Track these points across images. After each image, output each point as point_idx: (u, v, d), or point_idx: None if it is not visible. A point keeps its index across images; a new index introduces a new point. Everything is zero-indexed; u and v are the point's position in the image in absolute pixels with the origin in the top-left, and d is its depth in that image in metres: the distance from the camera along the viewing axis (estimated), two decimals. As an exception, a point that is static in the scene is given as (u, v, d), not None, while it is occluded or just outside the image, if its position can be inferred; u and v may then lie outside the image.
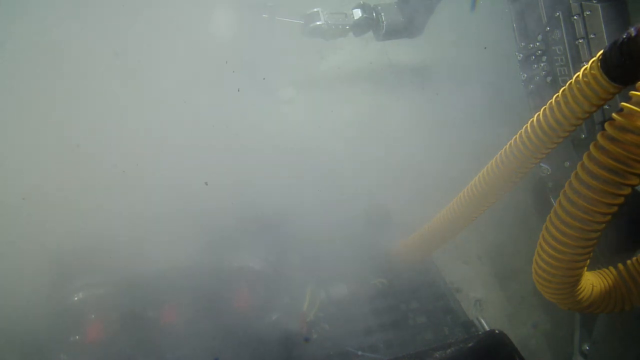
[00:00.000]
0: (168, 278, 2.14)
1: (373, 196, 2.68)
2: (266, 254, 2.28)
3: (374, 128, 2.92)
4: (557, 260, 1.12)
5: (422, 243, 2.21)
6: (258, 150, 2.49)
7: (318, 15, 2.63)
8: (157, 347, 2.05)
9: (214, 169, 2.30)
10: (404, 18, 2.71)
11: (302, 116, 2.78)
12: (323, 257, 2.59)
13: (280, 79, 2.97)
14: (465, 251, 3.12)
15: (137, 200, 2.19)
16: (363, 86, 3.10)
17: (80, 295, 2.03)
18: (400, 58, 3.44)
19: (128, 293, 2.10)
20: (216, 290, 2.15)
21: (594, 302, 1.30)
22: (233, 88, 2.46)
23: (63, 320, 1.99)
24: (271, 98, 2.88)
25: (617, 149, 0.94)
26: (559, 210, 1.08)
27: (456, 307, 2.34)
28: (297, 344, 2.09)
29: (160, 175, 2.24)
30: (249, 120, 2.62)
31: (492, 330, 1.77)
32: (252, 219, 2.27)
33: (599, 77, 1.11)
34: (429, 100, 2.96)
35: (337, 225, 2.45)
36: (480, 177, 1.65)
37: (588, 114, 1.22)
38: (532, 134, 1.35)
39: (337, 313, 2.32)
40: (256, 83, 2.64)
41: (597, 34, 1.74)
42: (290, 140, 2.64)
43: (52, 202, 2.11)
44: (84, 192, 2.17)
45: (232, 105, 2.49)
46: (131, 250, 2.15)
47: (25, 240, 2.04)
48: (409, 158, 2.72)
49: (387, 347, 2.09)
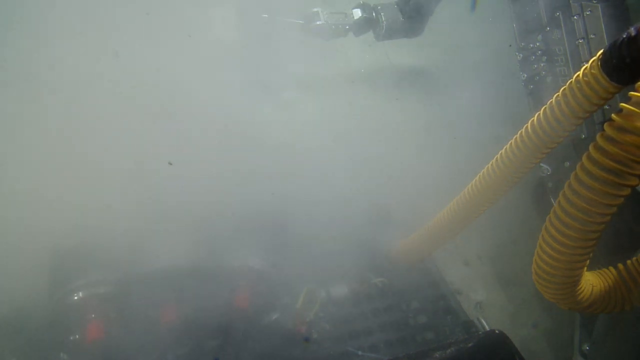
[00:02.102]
0: (168, 277, 2.14)
1: (373, 196, 2.68)
2: (266, 254, 2.29)
3: (374, 128, 2.92)
4: (557, 261, 1.12)
5: (423, 243, 2.21)
6: (258, 150, 2.50)
7: (318, 15, 2.62)
8: (157, 347, 2.06)
9: (214, 169, 2.30)
10: (404, 18, 2.71)
11: (302, 116, 2.78)
12: (323, 256, 2.59)
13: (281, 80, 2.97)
14: (465, 251, 3.11)
15: (136, 199, 2.20)
16: (364, 87, 3.10)
17: (80, 294, 2.03)
18: (401, 58, 3.44)
19: (128, 292, 2.11)
20: (216, 290, 2.15)
21: (594, 303, 1.30)
22: (233, 88, 2.46)
23: (63, 320, 2.00)
24: (271, 98, 2.87)
25: (617, 150, 0.94)
26: (559, 210, 1.08)
27: (456, 307, 2.34)
28: (297, 343, 2.09)
29: (159, 175, 2.24)
30: (249, 119, 2.62)
31: (492, 330, 1.77)
32: (252, 219, 2.27)
33: (599, 77, 1.11)
34: (429, 100, 2.96)
35: (337, 225, 2.45)
36: (480, 177, 1.65)
37: (588, 114, 1.22)
38: (533, 133, 1.35)
39: (337, 313, 2.32)
40: (256, 83, 2.64)
41: (597, 34, 1.74)
42: (290, 139, 2.64)
43: (52, 202, 2.11)
44: (84, 192, 2.17)
45: (233, 105, 2.49)
46: (131, 250, 2.15)
47: (25, 239, 2.04)
48: (409, 158, 2.73)
49: (387, 347, 2.09)
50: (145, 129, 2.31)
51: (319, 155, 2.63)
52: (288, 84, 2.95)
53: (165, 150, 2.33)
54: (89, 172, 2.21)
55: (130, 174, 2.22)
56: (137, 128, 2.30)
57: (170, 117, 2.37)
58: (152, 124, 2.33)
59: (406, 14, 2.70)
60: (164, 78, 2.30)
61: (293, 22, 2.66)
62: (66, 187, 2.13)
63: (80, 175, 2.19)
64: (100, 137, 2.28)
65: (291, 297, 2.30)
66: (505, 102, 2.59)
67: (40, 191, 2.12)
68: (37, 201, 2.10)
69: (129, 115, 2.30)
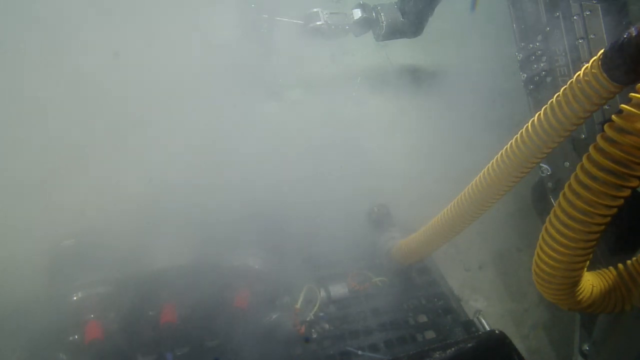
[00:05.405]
0: (168, 277, 2.14)
1: (374, 195, 2.68)
2: (266, 253, 2.29)
3: (374, 128, 2.92)
4: (557, 261, 1.12)
5: (423, 243, 2.21)
6: (258, 149, 2.49)
7: (318, 15, 2.62)
8: (157, 347, 2.06)
9: (214, 168, 2.30)
10: (403, 18, 2.71)
11: (301, 116, 2.78)
12: (323, 256, 2.59)
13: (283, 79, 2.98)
14: (465, 251, 3.12)
15: (136, 199, 2.20)
16: (365, 87, 3.10)
17: (80, 294, 2.03)
18: (401, 59, 3.44)
19: (127, 292, 2.11)
20: (216, 290, 2.15)
21: (594, 303, 1.29)
22: (234, 88, 2.46)
23: (63, 320, 2.00)
24: (271, 98, 2.87)
25: (617, 151, 0.94)
26: (558, 211, 1.08)
27: (456, 306, 2.34)
28: (297, 343, 2.09)
29: (160, 175, 2.24)
30: (249, 119, 2.62)
31: (492, 330, 1.77)
32: (252, 218, 2.27)
33: (599, 77, 1.11)
34: (430, 100, 2.96)
35: (337, 225, 2.45)
36: (481, 176, 1.64)
37: (589, 113, 1.22)
38: (533, 133, 1.35)
39: (337, 313, 2.32)
40: (257, 83, 2.64)
41: (597, 34, 1.73)
42: (290, 139, 2.64)
43: (52, 202, 2.11)
44: (84, 192, 2.17)
45: (233, 105, 2.49)
46: (131, 249, 2.15)
47: (25, 239, 2.04)
48: (409, 158, 2.73)
49: (388, 346, 2.09)
50: (145, 129, 2.32)
51: (319, 154, 2.63)
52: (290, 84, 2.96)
53: (166, 150, 2.33)
54: (89, 172, 2.21)
55: (131, 174, 2.22)
56: (137, 127, 2.30)
57: (170, 117, 2.37)
58: (152, 124, 2.33)
59: (406, 14, 2.70)
60: (164, 78, 2.30)
61: (293, 22, 2.66)
62: (66, 187, 2.13)
63: (80, 175, 2.19)
64: (100, 137, 2.28)
65: (291, 297, 2.30)
66: (505, 102, 2.59)
67: (41, 191, 2.12)
68: (37, 201, 2.10)
69: (129, 115, 2.30)
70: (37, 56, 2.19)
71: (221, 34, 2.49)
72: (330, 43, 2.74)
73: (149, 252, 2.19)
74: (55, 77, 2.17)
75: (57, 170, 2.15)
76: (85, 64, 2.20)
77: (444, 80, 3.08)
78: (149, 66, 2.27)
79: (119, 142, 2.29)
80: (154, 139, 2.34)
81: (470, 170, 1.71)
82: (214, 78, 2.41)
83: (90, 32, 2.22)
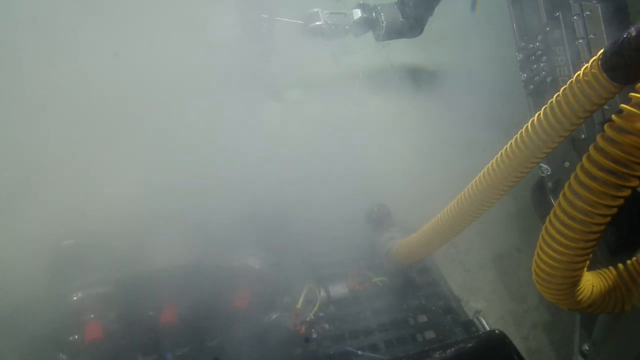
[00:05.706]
0: (168, 277, 2.14)
1: (374, 195, 2.68)
2: (266, 253, 2.29)
3: (374, 128, 2.92)
4: (557, 261, 1.12)
5: (423, 243, 2.21)
6: (258, 149, 2.50)
7: (318, 15, 2.62)
8: (157, 347, 2.06)
9: (214, 168, 2.30)
10: (403, 18, 2.71)
11: (301, 116, 2.78)
12: (323, 256, 2.59)
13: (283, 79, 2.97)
14: (465, 252, 3.12)
15: (136, 199, 2.19)
16: (365, 87, 3.10)
17: (80, 294, 2.03)
18: (401, 59, 3.44)
19: (127, 292, 2.10)
20: (216, 290, 2.15)
21: (594, 303, 1.29)
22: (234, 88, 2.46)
23: (63, 320, 2.00)
24: (271, 98, 2.87)
25: (616, 151, 0.94)
26: (558, 211, 1.08)
27: (456, 306, 2.34)
28: (297, 343, 2.09)
29: (160, 174, 2.24)
30: (249, 119, 2.62)
31: (492, 330, 1.77)
32: (252, 218, 2.27)
33: (599, 76, 1.11)
34: (430, 100, 2.96)
35: (337, 225, 2.45)
36: (481, 176, 1.64)
37: (589, 113, 1.22)
38: (533, 133, 1.35)
39: (337, 313, 2.32)
40: (257, 83, 2.64)
41: (597, 34, 1.73)
42: (290, 139, 2.64)
43: (52, 202, 2.11)
44: (84, 192, 2.17)
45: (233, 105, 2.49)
46: (131, 249, 2.15)
47: (25, 239, 2.04)
48: (409, 157, 2.73)
49: (387, 346, 2.09)
50: (145, 129, 2.32)
51: (319, 154, 2.63)
52: (290, 84, 2.95)
53: (165, 149, 2.33)
54: (89, 172, 2.21)
55: (131, 174, 2.22)
56: (137, 127, 2.30)
57: (169, 117, 2.37)
58: (152, 123, 2.33)
59: (406, 14, 2.69)
60: (164, 78, 2.30)
61: (293, 22, 2.66)
62: (66, 187, 2.13)
63: (80, 175, 2.19)
64: (100, 137, 2.28)
65: (291, 297, 2.30)
66: (505, 102, 2.59)
67: (40, 191, 2.12)
68: (38, 201, 2.10)
69: (129, 115, 2.30)
70: (36, 56, 2.19)
71: (221, 34, 2.49)
72: (330, 43, 2.74)
73: (148, 252, 2.19)
74: (55, 77, 2.17)
75: (57, 170, 2.15)
76: (85, 64, 2.20)
77: (444, 81, 3.08)
78: (149, 66, 2.27)
79: (119, 142, 2.29)
80: (154, 139, 2.34)
81: (470, 170, 1.71)
82: (214, 78, 2.41)
83: (90, 32, 2.22)
